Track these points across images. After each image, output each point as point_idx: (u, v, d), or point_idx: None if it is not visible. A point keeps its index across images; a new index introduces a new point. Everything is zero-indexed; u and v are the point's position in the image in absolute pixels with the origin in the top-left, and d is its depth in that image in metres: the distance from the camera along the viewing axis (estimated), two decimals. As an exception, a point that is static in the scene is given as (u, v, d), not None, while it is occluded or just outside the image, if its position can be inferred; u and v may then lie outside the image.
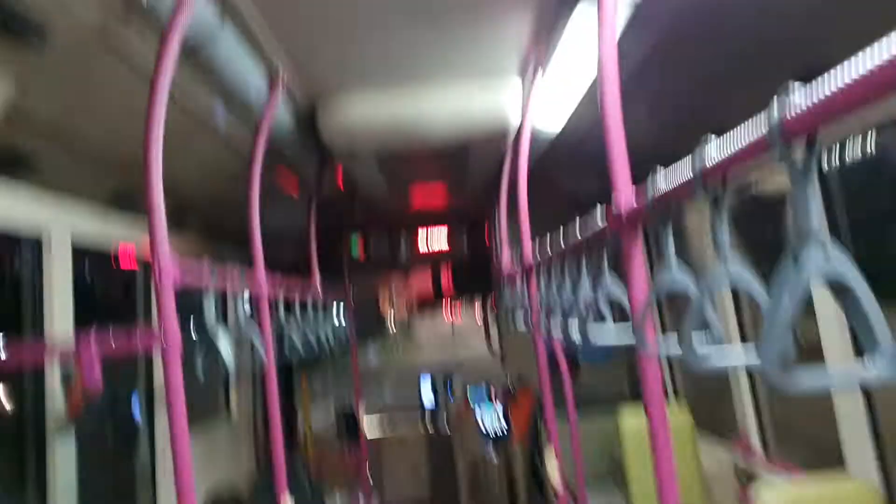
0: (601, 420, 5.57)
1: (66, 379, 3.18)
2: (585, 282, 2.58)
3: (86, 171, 3.24)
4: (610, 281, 2.35)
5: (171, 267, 2.22)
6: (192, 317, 2.65)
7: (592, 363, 6.98)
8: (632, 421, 4.69)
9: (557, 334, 2.88)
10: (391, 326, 10.02)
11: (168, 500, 4.14)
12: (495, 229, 5.91)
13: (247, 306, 3.25)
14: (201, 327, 2.66)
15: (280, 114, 3.54)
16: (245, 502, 4.08)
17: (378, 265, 7.90)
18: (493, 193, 5.44)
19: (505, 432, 7.21)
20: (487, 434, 7.36)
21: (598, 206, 2.40)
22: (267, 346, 3.22)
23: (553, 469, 4.35)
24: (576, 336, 2.53)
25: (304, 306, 4.12)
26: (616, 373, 7.08)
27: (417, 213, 7.53)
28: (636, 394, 6.77)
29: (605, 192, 2.16)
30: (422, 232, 7.93)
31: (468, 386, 8.08)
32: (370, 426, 6.66)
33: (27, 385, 3.32)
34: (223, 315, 5.14)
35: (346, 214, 6.85)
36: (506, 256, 4.73)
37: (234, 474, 5.43)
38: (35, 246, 3.25)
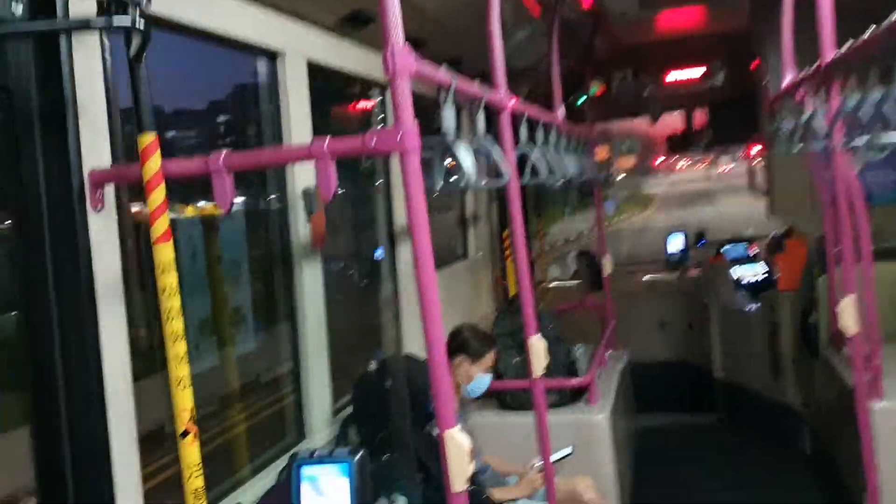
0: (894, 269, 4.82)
1: (309, 204, 3.06)
2: None
3: None
4: None
5: (406, 57, 1.89)
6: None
7: (883, 204, 6.01)
8: None
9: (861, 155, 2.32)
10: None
11: (411, 333, 4.06)
12: (767, 43, 5.10)
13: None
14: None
15: None
16: (488, 339, 3.84)
17: (621, 105, 7.24)
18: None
19: (767, 284, 6.48)
20: (745, 287, 6.68)
21: None
22: (510, 165, 2.86)
23: (850, 316, 3.71)
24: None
25: (546, 133, 3.69)
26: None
27: (669, 42, 6.70)
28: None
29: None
30: (674, 66, 6.97)
31: (724, 239, 7.46)
32: (614, 279, 6.14)
33: (273, 217, 3.26)
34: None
35: (587, 45, 6.15)
36: (788, 66, 4.02)
37: (474, 317, 5.24)
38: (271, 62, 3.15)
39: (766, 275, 6.60)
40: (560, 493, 3.31)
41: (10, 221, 2.03)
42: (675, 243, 7.77)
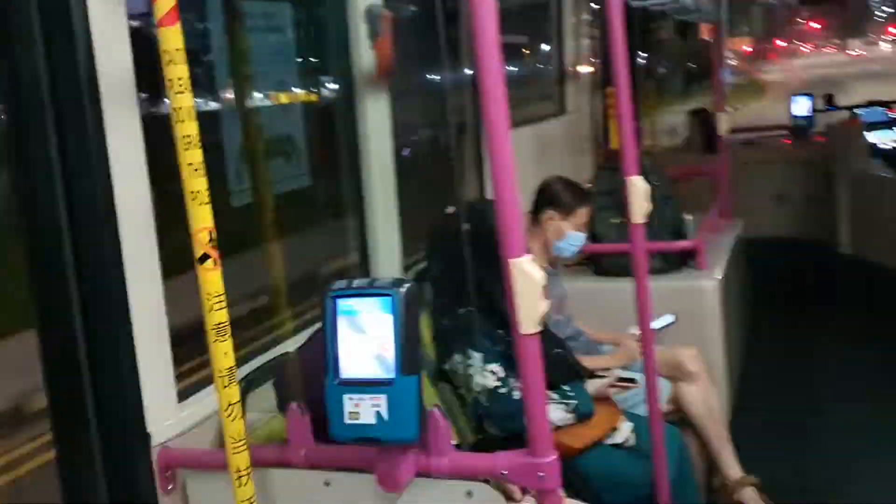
0: None
1: (373, 26, 2.64)
2: None
3: None
4: None
5: None
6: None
7: None
8: None
9: None
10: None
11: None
12: None
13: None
14: None
15: None
16: (581, 193, 3.41)
17: None
18: None
19: None
20: (883, 153, 5.95)
21: None
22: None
23: None
24: None
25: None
26: None
27: None
28: None
29: None
30: None
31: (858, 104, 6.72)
32: (731, 142, 5.51)
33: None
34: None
35: None
36: None
37: (571, 173, 4.84)
38: None
39: None
40: (660, 363, 2.91)
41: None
42: (801, 107, 7.01)
